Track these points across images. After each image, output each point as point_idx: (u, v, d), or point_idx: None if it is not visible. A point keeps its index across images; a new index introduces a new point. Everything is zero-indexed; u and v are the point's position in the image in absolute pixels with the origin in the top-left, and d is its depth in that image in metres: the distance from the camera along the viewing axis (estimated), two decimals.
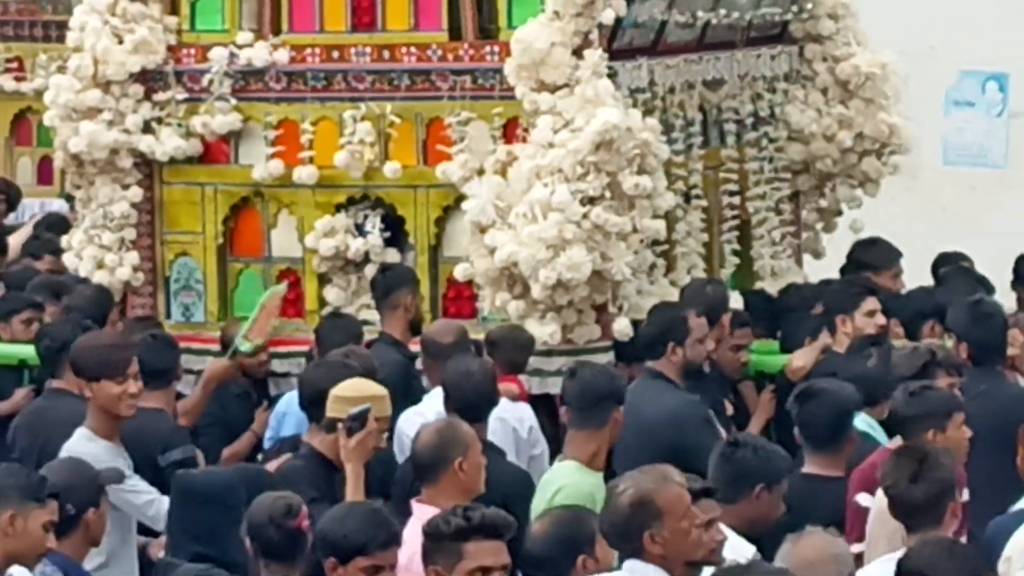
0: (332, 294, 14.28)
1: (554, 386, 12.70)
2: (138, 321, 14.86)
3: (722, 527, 8.72)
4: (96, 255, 14.64)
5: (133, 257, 14.53)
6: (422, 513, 9.40)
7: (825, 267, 16.10)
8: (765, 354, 14.29)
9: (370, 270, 14.30)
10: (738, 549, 9.01)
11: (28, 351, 13.88)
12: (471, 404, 11.67)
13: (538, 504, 10.47)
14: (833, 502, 10.55)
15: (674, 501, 8.27)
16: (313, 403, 11.20)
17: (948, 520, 9.48)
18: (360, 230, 14.33)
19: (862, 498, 10.57)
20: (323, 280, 14.35)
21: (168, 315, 14.72)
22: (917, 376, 11.64)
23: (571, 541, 8.73)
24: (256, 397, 14.12)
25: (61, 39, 18.67)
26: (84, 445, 11.54)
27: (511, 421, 12.52)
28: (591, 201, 13.41)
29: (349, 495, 10.24)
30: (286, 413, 13.06)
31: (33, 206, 20.07)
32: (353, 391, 10.86)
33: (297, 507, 8.92)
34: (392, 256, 14.26)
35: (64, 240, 15.36)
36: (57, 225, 17.47)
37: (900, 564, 8.17)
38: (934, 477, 9.77)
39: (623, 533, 8.33)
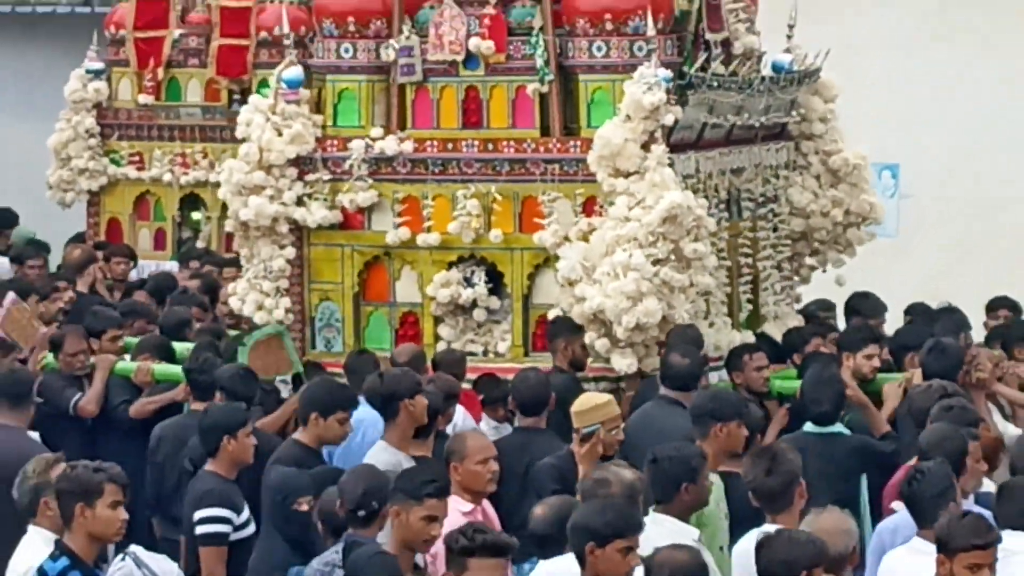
0: (445, 332, 16.74)
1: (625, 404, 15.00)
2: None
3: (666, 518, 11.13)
4: (257, 299, 17.14)
5: (286, 301, 17.09)
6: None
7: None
8: (785, 379, 16.19)
9: (477, 313, 16.76)
10: (684, 533, 11.03)
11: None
12: (528, 402, 14.34)
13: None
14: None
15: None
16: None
17: (797, 502, 11.26)
18: (468, 282, 16.75)
19: (896, 505, 12.26)
20: (437, 321, 16.80)
21: (313, 347, 17.13)
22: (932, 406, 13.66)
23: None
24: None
25: (172, 138, 22.81)
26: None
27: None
28: (659, 262, 15.90)
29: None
30: (362, 419, 14.66)
31: (150, 267, 22.26)
32: (587, 403, 13.39)
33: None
34: (494, 303, 16.74)
35: (230, 287, 18.09)
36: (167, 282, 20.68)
37: (757, 550, 9.88)
38: (783, 470, 11.55)
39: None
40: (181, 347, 17.27)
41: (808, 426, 14.45)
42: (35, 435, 15.58)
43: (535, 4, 16.87)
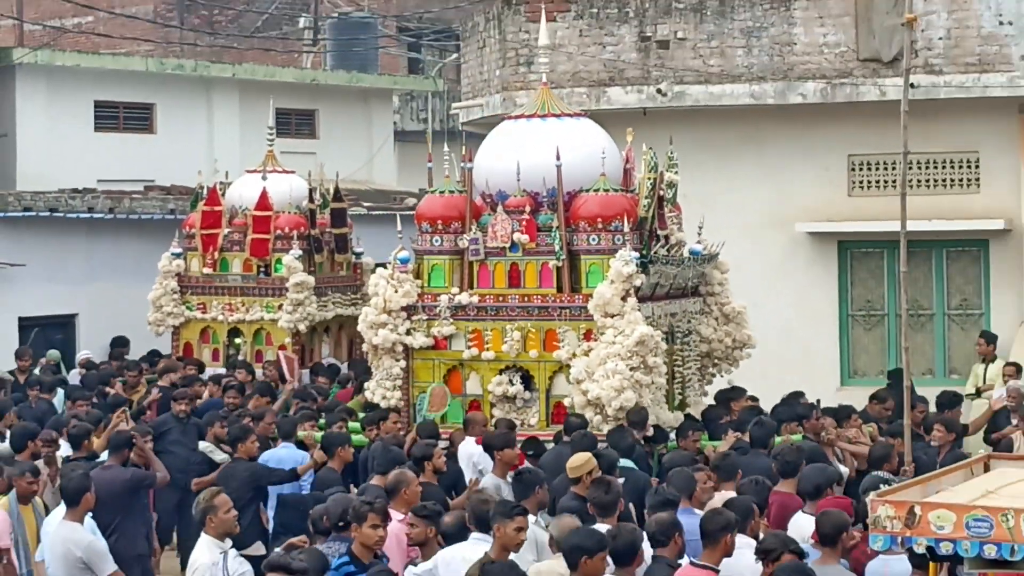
0: (497, 412, 19.96)
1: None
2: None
3: None
4: (383, 392, 20.56)
5: (399, 393, 20.50)
6: None
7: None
8: (706, 441, 19.25)
9: (517, 401, 20.03)
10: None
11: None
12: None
13: None
14: None
15: None
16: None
17: (618, 511, 13.81)
18: (511, 382, 20.19)
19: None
20: (492, 406, 20.11)
21: (413, 420, 20.26)
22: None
23: None
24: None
25: (222, 294, 28.00)
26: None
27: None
28: (634, 369, 19.16)
29: None
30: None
31: (210, 371, 26.53)
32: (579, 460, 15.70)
33: None
34: (527, 395, 20.04)
35: (367, 384, 21.14)
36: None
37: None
38: (614, 490, 14.14)
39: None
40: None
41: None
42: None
43: (553, 212, 19.96)
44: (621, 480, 15.43)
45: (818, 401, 21.82)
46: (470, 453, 18.46)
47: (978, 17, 26.06)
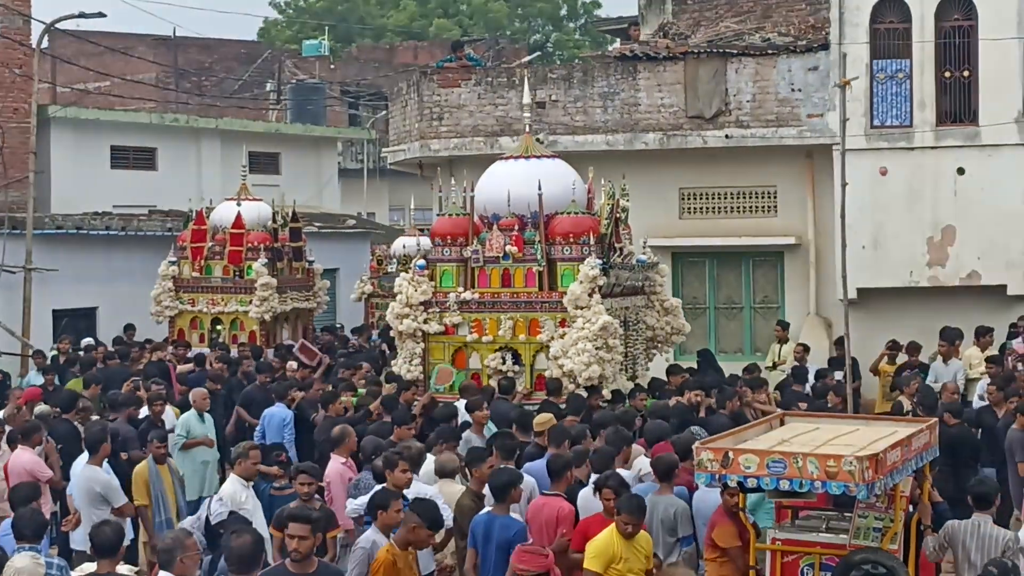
0: (492, 383, 19.39)
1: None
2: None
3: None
4: (407, 368, 20.16)
5: (419, 369, 20.16)
6: None
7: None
8: (649, 402, 18.90)
9: (509, 374, 19.55)
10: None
11: None
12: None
13: None
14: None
15: None
16: None
17: (570, 476, 13.24)
18: (504, 359, 19.84)
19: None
20: (489, 377, 19.70)
21: (427, 388, 19.95)
22: None
23: None
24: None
25: (207, 292, 28.14)
26: None
27: None
28: (598, 349, 19.04)
29: None
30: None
31: (194, 351, 25.85)
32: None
33: None
34: (516, 369, 19.68)
35: (394, 362, 21.05)
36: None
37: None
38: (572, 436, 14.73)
39: None
40: None
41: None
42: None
43: (535, 230, 19.77)
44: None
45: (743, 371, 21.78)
46: (461, 412, 17.75)
47: (775, 85, 26.29)
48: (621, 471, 13.71)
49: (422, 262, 20.45)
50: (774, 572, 11.37)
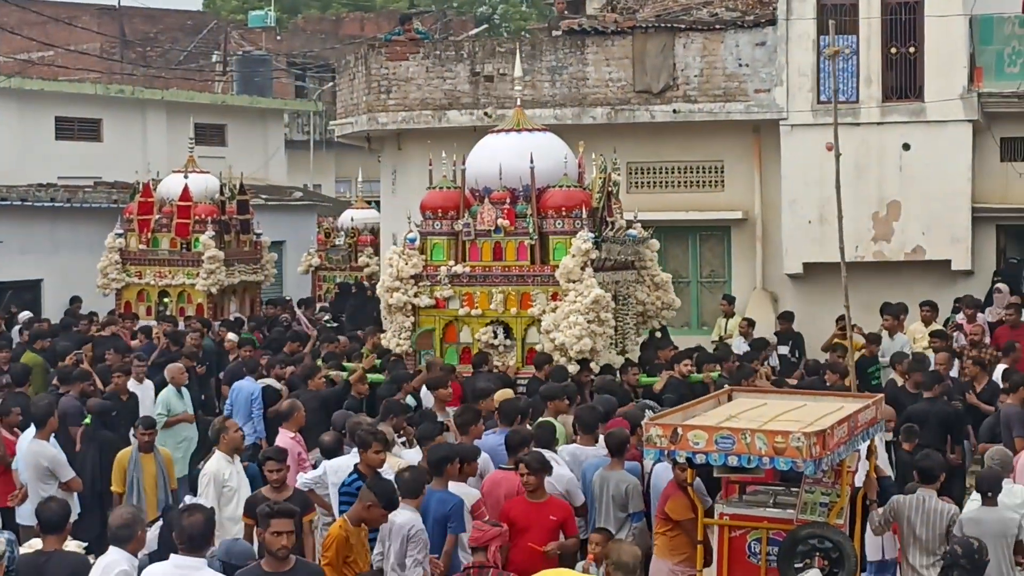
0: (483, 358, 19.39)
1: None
2: None
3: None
4: (397, 341, 20.08)
5: (408, 342, 19.97)
6: None
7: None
8: (645, 378, 19.25)
9: (500, 348, 19.52)
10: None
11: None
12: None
13: None
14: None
15: None
16: None
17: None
18: (495, 334, 19.74)
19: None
20: (479, 352, 19.57)
21: (419, 361, 19.76)
22: None
23: None
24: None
25: (154, 264, 28.04)
26: None
27: None
28: (590, 323, 18.98)
29: None
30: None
31: (142, 323, 25.94)
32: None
33: None
34: (508, 343, 19.66)
35: (382, 335, 20.74)
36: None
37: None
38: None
39: None
40: None
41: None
42: None
43: (527, 203, 19.67)
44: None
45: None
46: (425, 392, 17.84)
47: (723, 60, 26.32)
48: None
49: (413, 235, 20.31)
50: (722, 547, 11.42)
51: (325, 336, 23.67)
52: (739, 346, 22.50)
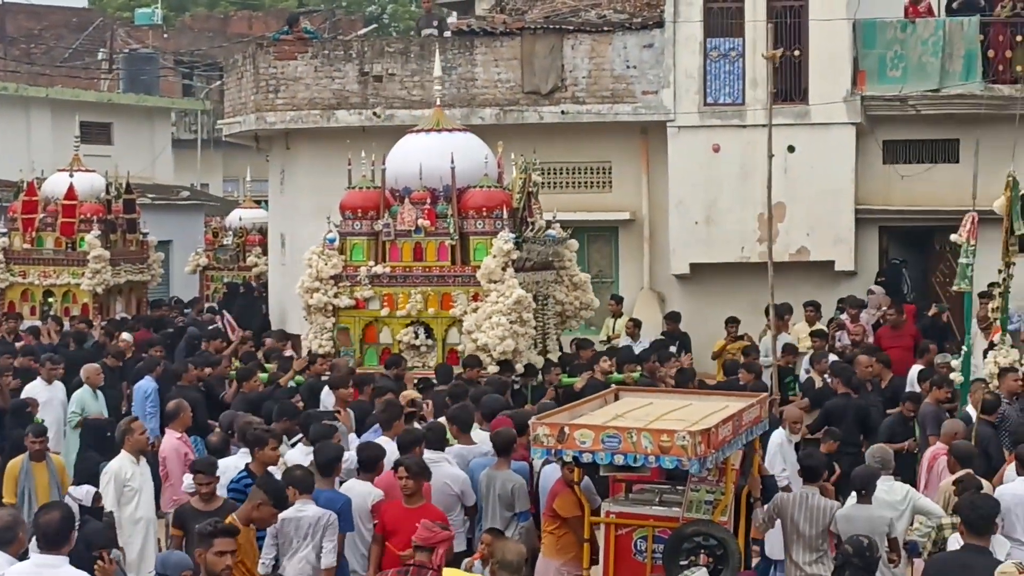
0: (407, 357, 19.52)
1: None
2: None
3: None
4: (318, 342, 19.99)
5: (329, 343, 20.00)
6: None
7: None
8: (566, 378, 19.47)
9: (420, 348, 19.68)
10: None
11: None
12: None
13: None
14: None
15: None
16: None
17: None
18: (416, 334, 19.87)
19: None
20: (400, 352, 19.64)
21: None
22: None
23: None
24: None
25: (39, 264, 28.00)
26: None
27: None
28: (512, 323, 19.20)
29: None
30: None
31: (27, 323, 25.57)
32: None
33: None
34: (426, 342, 19.80)
35: (307, 335, 20.47)
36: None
37: None
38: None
39: None
40: None
41: None
42: None
43: (448, 203, 19.88)
44: None
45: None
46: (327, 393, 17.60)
47: (611, 62, 26.46)
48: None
49: (333, 235, 20.23)
50: (608, 544, 11.48)
51: (212, 335, 23.50)
52: (635, 346, 22.54)
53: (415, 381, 18.16)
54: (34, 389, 18.79)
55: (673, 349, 22.36)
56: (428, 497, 12.68)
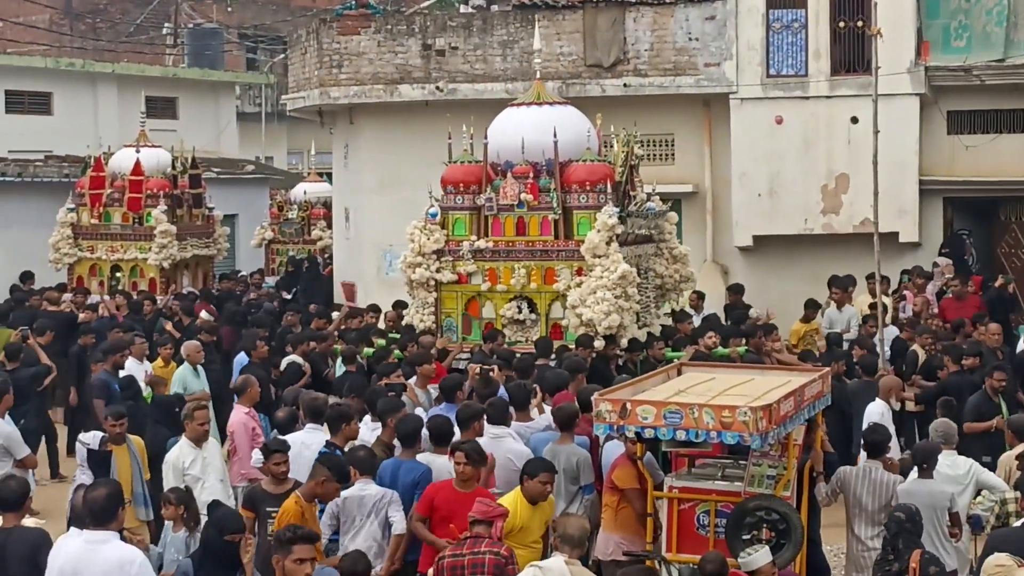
0: (508, 332, 19.54)
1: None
2: None
3: None
4: (420, 317, 20.01)
5: (431, 318, 19.96)
6: None
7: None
8: (672, 353, 19.03)
9: (526, 322, 19.59)
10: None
11: None
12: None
13: None
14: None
15: None
16: None
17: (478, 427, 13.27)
18: (519, 308, 19.73)
19: None
20: (503, 327, 19.60)
21: (441, 335, 19.82)
22: None
23: None
24: None
25: (106, 239, 28.17)
26: None
27: None
28: (617, 298, 18.96)
29: None
30: None
31: (95, 298, 26.30)
32: None
33: None
34: (532, 318, 19.68)
35: (406, 311, 20.99)
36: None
37: None
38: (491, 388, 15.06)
39: None
40: None
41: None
42: None
43: (551, 177, 19.65)
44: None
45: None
46: None
47: (673, 34, 26.45)
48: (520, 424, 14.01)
49: (435, 210, 20.13)
50: (671, 519, 11.50)
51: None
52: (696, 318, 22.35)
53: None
54: (130, 368, 18.72)
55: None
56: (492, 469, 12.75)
